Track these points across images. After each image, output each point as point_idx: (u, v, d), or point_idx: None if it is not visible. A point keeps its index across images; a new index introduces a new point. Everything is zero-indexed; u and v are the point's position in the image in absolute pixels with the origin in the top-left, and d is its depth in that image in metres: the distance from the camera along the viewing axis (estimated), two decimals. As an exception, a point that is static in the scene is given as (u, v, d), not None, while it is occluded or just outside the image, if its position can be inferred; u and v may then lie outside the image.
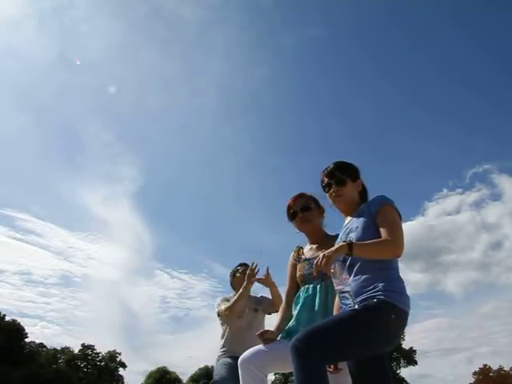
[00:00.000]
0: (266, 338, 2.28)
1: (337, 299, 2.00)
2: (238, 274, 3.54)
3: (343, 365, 1.98)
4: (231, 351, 3.28)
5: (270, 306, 3.36)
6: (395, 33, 75.21)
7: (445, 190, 66.50)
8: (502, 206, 64.16)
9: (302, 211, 2.42)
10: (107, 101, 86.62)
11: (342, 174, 2.09)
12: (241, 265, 3.61)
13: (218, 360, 3.32)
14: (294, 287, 2.41)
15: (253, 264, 3.18)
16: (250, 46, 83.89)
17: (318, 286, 2.21)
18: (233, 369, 3.06)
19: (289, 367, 1.77)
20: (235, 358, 3.18)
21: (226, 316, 3.30)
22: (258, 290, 3.57)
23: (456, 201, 66.91)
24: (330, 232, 2.48)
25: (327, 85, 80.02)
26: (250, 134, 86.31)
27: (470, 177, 68.47)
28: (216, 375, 3.16)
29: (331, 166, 2.13)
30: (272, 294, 3.28)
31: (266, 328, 3.18)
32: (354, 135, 78.14)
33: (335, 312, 2.01)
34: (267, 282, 3.20)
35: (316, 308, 2.17)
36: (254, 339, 3.11)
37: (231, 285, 3.63)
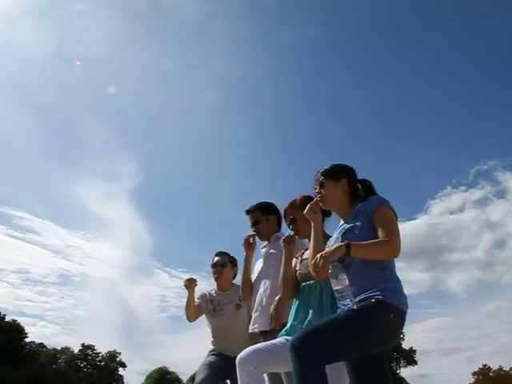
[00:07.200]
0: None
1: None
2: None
3: (342, 364, 1.99)
4: (217, 348, 3.26)
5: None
6: (395, 32, 75.23)
7: (448, 188, 65.46)
8: (506, 203, 63.09)
9: (292, 223, 2.48)
10: (106, 97, 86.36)
11: (321, 176, 2.14)
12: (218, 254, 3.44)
13: (205, 358, 3.25)
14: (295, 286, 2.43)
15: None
16: (250, 42, 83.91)
17: (313, 286, 2.22)
18: (213, 368, 3.04)
19: (287, 366, 1.77)
20: (221, 355, 3.18)
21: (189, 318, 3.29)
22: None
23: (460, 198, 66.52)
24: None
25: (327, 83, 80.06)
26: (249, 131, 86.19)
27: (473, 174, 67.77)
28: (196, 379, 3.02)
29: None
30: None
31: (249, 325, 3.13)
32: (355, 134, 78.06)
33: None
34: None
35: (311, 307, 2.18)
36: (237, 337, 3.09)
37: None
